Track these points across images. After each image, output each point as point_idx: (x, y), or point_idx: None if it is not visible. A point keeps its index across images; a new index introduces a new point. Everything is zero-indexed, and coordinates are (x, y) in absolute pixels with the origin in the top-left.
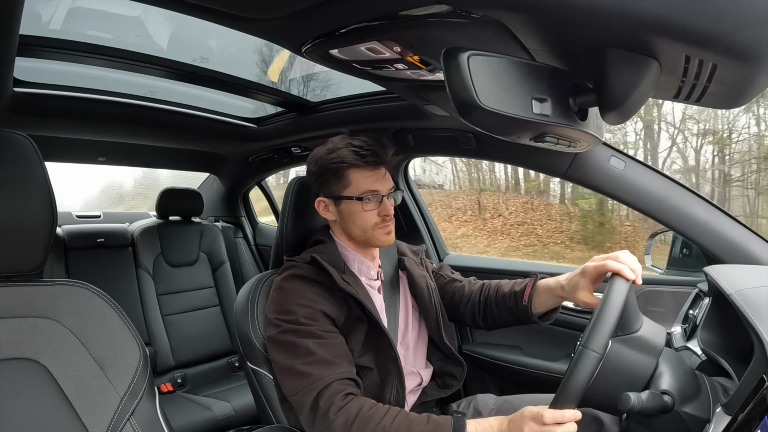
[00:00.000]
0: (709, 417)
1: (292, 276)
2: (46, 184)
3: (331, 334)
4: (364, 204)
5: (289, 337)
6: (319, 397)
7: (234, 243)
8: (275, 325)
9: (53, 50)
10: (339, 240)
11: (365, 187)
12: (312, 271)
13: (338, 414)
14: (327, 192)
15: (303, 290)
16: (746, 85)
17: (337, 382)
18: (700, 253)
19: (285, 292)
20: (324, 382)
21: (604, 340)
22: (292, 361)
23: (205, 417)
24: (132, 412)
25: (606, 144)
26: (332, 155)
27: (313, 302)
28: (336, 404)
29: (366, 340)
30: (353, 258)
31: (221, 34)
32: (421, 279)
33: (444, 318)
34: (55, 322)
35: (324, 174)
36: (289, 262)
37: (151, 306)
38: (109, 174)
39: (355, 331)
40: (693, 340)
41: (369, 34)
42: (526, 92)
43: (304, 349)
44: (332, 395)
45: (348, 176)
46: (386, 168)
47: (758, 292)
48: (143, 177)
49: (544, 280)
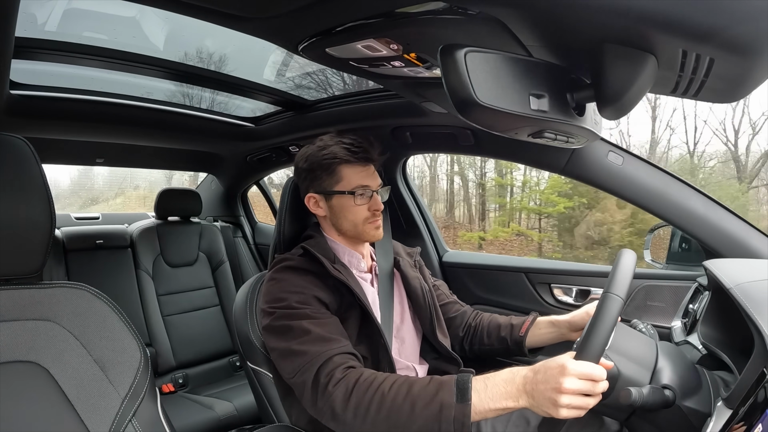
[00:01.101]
0: (710, 411)
1: (284, 267)
2: (44, 186)
3: (325, 315)
4: (356, 198)
5: (283, 321)
6: (320, 373)
7: (233, 242)
8: (269, 313)
9: (49, 52)
10: (328, 235)
11: (357, 182)
12: (303, 262)
13: (337, 386)
14: (318, 188)
15: (295, 279)
16: (744, 78)
17: (337, 356)
18: (699, 248)
19: (277, 282)
20: (323, 357)
21: (626, 287)
22: (288, 343)
23: (207, 417)
24: (134, 413)
25: (604, 139)
26: (324, 152)
27: (305, 289)
28: (336, 377)
29: (360, 329)
30: (343, 251)
31: (217, 34)
32: (415, 280)
33: (439, 318)
34: (56, 325)
35: (315, 170)
36: (280, 257)
37: (151, 307)
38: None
39: (350, 319)
40: (693, 334)
41: (366, 31)
42: (524, 88)
43: (300, 330)
44: (332, 369)
45: (339, 172)
46: (374, 165)
47: (758, 285)
48: (79, 176)
49: (545, 317)
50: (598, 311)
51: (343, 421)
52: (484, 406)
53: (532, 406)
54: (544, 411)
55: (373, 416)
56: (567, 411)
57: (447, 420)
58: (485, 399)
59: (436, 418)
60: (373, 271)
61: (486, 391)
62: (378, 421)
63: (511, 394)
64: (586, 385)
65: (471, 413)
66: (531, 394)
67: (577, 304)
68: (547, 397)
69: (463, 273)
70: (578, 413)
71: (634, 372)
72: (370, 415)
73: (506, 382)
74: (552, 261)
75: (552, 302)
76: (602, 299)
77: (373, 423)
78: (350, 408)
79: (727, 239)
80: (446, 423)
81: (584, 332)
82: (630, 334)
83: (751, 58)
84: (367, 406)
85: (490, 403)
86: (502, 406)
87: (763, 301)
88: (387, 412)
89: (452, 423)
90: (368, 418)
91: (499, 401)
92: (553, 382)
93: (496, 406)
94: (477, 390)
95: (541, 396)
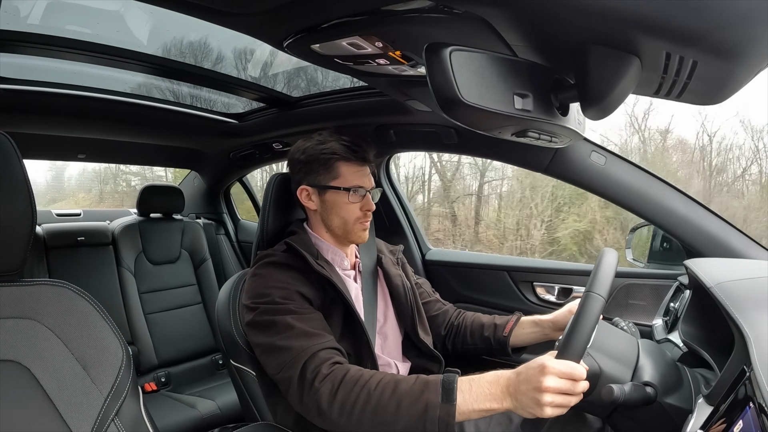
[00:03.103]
0: (691, 408)
1: (267, 263)
2: (25, 182)
3: (309, 310)
4: (351, 196)
5: (266, 316)
6: (305, 369)
7: (216, 240)
8: (252, 309)
9: (32, 45)
10: (315, 232)
11: (353, 180)
12: (286, 257)
13: (323, 382)
14: (313, 181)
15: (278, 274)
16: (727, 81)
17: (323, 351)
18: (680, 247)
19: (260, 277)
20: (308, 352)
21: (608, 286)
22: (271, 338)
23: (189, 416)
24: (116, 413)
25: (587, 139)
26: (323, 146)
27: (288, 284)
28: (322, 373)
29: (344, 325)
30: (327, 248)
31: (202, 30)
32: (397, 278)
33: (420, 316)
34: (37, 323)
35: (312, 163)
36: (263, 253)
37: (133, 305)
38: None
39: (333, 315)
40: (674, 332)
41: (351, 29)
42: (508, 88)
43: (283, 325)
44: (318, 365)
45: (337, 168)
46: (369, 167)
47: (738, 284)
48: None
49: (528, 317)
50: (579, 310)
51: (328, 417)
52: (469, 407)
53: (516, 408)
54: (530, 412)
55: (358, 413)
56: (551, 410)
57: (432, 420)
58: (470, 400)
59: (421, 417)
60: (356, 268)
61: (471, 392)
62: (363, 419)
63: (495, 396)
64: (566, 384)
65: (456, 413)
66: (514, 395)
67: (560, 303)
68: (530, 397)
69: (446, 271)
70: (561, 411)
71: (615, 369)
72: (355, 412)
73: (491, 384)
74: (534, 259)
75: (534, 300)
76: (584, 298)
77: (358, 420)
78: (336, 404)
79: (707, 239)
80: (431, 423)
81: (566, 331)
82: (612, 332)
83: (734, 61)
84: (353, 403)
85: (474, 404)
86: (487, 407)
87: (743, 300)
88: (373, 410)
89: (437, 423)
90: (354, 415)
91: (483, 402)
92: (534, 382)
93: (481, 407)
94: (462, 391)
95: (523, 396)
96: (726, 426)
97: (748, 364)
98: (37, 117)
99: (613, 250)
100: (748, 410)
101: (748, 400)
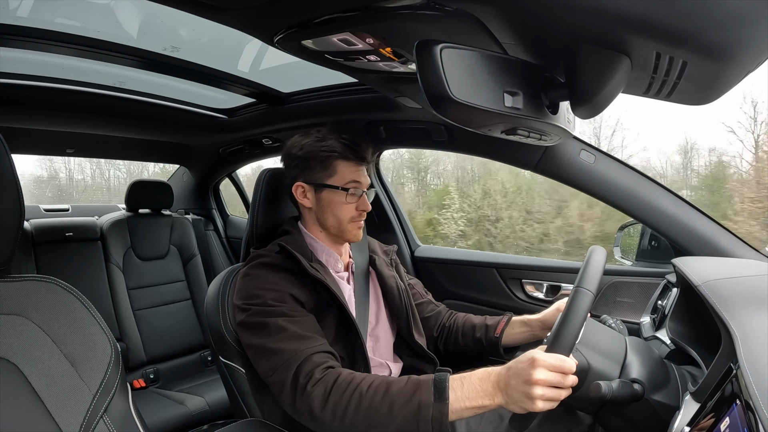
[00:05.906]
0: (678, 404)
1: (259, 264)
2: (13, 176)
3: (302, 313)
4: (347, 196)
5: (258, 318)
6: (299, 373)
7: (205, 236)
8: (243, 309)
9: (20, 38)
10: (308, 231)
11: (351, 179)
12: (279, 259)
13: (316, 386)
14: (309, 178)
15: (270, 276)
16: (716, 82)
17: (316, 354)
18: (668, 246)
19: (252, 278)
20: (301, 356)
21: (597, 282)
22: (263, 340)
23: (178, 412)
24: (105, 410)
25: (576, 138)
26: (322, 143)
27: (281, 286)
28: (315, 377)
29: (337, 328)
30: (321, 249)
31: (192, 24)
32: (391, 279)
33: (415, 318)
34: (25, 319)
35: (310, 160)
36: (256, 253)
37: (121, 301)
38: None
39: (326, 319)
40: (662, 330)
41: (342, 25)
42: (498, 85)
43: (276, 327)
44: (312, 369)
45: (335, 166)
46: (366, 167)
47: (725, 283)
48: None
49: (518, 317)
50: (569, 305)
51: (321, 421)
52: (461, 405)
53: (507, 403)
54: (521, 407)
55: (351, 416)
56: (542, 403)
57: (425, 419)
58: (462, 398)
59: (414, 417)
60: (349, 269)
61: (462, 389)
62: (356, 422)
63: (487, 392)
64: (556, 377)
65: (449, 412)
66: (505, 390)
67: (548, 300)
68: (520, 391)
69: (435, 268)
70: (552, 405)
71: (603, 366)
72: (348, 416)
73: (482, 380)
74: (523, 257)
75: (523, 297)
76: (573, 294)
77: (351, 423)
78: (329, 408)
79: (695, 238)
80: (424, 422)
81: (555, 325)
82: (600, 329)
83: (724, 62)
84: (345, 406)
85: (466, 401)
86: (479, 404)
87: (730, 298)
88: (365, 412)
89: (430, 422)
90: (346, 419)
91: (475, 399)
92: (525, 375)
93: (473, 404)
94: (454, 389)
95: (514, 391)
96: (713, 422)
97: (735, 362)
98: (24, 111)
99: (602, 248)
100: (734, 407)
101: (734, 397)
